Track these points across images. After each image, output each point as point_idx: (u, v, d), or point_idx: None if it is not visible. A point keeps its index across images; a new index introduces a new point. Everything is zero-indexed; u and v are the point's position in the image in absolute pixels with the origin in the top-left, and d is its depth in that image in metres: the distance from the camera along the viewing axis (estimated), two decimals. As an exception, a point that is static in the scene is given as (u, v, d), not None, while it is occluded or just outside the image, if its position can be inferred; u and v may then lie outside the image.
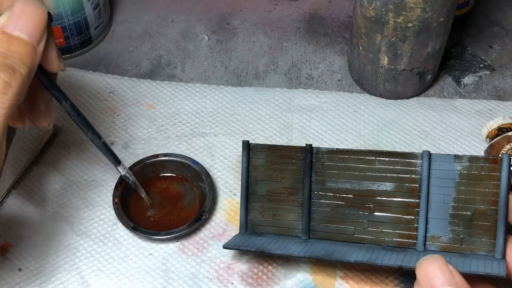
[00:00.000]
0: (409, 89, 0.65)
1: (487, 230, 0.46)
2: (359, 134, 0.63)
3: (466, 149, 0.62)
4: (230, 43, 0.72)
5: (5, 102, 0.39)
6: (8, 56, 0.40)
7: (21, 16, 0.41)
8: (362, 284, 0.53)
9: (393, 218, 0.49)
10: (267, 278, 0.53)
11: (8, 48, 0.40)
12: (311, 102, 0.66)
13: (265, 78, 0.69)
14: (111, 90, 0.67)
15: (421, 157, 0.48)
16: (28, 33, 0.41)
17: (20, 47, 0.40)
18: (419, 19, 0.58)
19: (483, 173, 0.46)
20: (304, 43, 0.72)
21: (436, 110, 0.65)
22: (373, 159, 0.49)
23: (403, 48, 0.61)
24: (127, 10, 0.76)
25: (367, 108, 0.65)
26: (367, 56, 0.63)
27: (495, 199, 0.46)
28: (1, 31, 0.40)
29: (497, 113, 0.64)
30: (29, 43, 0.41)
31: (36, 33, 0.41)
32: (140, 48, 0.72)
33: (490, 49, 0.71)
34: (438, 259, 0.41)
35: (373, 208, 0.49)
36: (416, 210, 0.48)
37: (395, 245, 0.48)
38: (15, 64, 0.40)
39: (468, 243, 0.47)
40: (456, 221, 0.47)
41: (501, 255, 0.45)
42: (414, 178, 0.48)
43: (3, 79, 0.39)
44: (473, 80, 0.68)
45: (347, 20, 0.74)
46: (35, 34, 0.41)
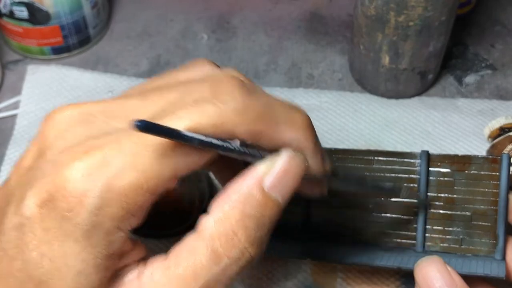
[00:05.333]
0: (410, 89, 0.65)
1: (487, 230, 0.46)
2: (360, 133, 0.63)
3: (468, 149, 0.61)
4: (230, 42, 0.72)
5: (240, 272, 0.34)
6: (260, 226, 0.33)
7: (285, 176, 0.34)
8: (363, 285, 0.53)
9: (391, 219, 0.48)
10: (267, 279, 0.53)
11: (263, 213, 0.33)
12: (312, 101, 0.66)
13: (265, 78, 0.69)
14: (110, 90, 0.66)
15: (420, 157, 0.47)
16: (285, 195, 0.34)
17: (272, 212, 0.34)
18: (420, 18, 0.57)
19: (483, 173, 0.46)
20: (304, 42, 0.72)
21: (438, 109, 0.64)
22: (371, 159, 0.49)
23: (405, 47, 0.60)
24: (125, 9, 0.76)
25: (368, 107, 0.65)
26: (368, 55, 0.63)
27: (495, 199, 0.45)
28: (261, 188, 0.33)
29: (499, 113, 0.64)
30: (281, 206, 0.34)
31: (291, 192, 0.35)
32: (139, 47, 0.72)
33: (492, 48, 0.71)
34: (436, 260, 0.41)
35: (372, 209, 0.49)
36: (415, 210, 0.48)
37: (394, 245, 0.48)
38: (264, 234, 0.34)
39: (467, 244, 0.46)
40: (456, 222, 0.47)
41: (501, 256, 0.45)
42: (413, 178, 0.48)
43: (251, 254, 0.33)
44: (475, 80, 0.68)
45: (347, 19, 0.74)
46: (290, 194, 0.35)
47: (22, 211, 0.31)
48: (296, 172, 0.34)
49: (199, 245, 0.33)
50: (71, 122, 0.34)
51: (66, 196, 0.31)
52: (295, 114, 0.35)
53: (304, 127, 0.35)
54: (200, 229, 0.33)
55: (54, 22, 0.66)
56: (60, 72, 0.67)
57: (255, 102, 0.33)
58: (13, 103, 0.66)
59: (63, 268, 0.31)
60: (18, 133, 0.63)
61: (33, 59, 0.69)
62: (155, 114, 0.32)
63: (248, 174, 0.34)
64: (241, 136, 0.32)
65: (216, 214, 0.33)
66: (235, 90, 0.32)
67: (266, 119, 0.33)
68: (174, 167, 0.32)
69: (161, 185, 0.32)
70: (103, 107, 0.34)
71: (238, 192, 0.33)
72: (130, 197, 0.31)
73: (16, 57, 0.70)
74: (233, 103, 0.32)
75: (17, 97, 0.66)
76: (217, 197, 0.34)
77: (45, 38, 0.67)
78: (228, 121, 0.32)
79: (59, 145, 0.33)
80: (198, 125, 0.31)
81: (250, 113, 0.32)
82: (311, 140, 0.35)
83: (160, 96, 0.34)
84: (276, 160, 0.34)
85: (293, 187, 0.35)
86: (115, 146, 0.31)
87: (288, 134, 0.34)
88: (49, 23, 0.66)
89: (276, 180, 0.34)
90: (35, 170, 0.33)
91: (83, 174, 0.31)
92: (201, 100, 0.32)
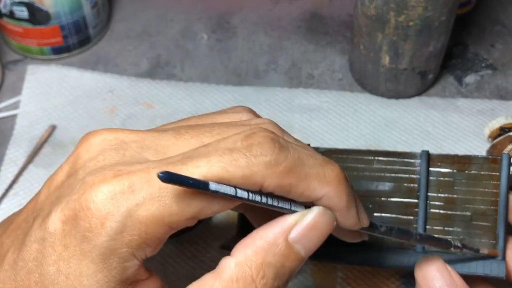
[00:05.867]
0: (410, 89, 0.65)
1: (487, 230, 0.46)
2: (360, 133, 0.63)
3: (468, 149, 0.61)
4: (230, 42, 0.72)
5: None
6: (279, 276, 0.34)
7: (312, 230, 0.34)
8: (363, 285, 0.52)
9: (392, 219, 0.48)
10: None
11: (283, 263, 0.34)
12: (312, 101, 0.66)
13: (265, 78, 0.69)
14: (110, 90, 0.66)
15: (420, 157, 0.47)
16: (308, 249, 0.35)
17: (293, 263, 0.34)
18: (420, 18, 0.57)
19: (483, 173, 0.46)
20: (304, 42, 0.72)
21: (438, 109, 0.64)
22: (371, 159, 0.49)
23: (405, 47, 0.60)
24: (125, 9, 0.75)
25: (368, 107, 0.65)
26: (368, 55, 0.63)
27: (495, 199, 0.45)
28: (285, 237, 0.34)
29: (499, 113, 0.64)
30: (303, 259, 0.35)
31: (315, 247, 0.35)
32: (139, 47, 0.71)
33: (492, 48, 0.71)
34: (436, 260, 0.41)
35: (372, 209, 0.49)
36: (415, 210, 0.47)
37: (394, 246, 0.48)
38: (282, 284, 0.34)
39: (467, 244, 0.46)
40: (456, 222, 0.47)
41: (501, 256, 0.45)
42: (413, 178, 0.48)
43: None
44: (475, 80, 0.68)
45: (347, 19, 0.74)
46: (314, 249, 0.35)
47: (47, 225, 0.32)
48: (323, 229, 0.35)
49: (217, 285, 0.33)
50: (105, 146, 0.34)
51: (89, 216, 0.31)
52: (327, 169, 0.35)
53: (336, 182, 0.35)
54: (220, 270, 0.33)
55: (54, 22, 0.66)
56: (60, 72, 0.67)
57: (286, 156, 0.33)
58: (13, 103, 0.66)
59: (77, 287, 0.32)
60: (18, 133, 0.63)
61: (33, 59, 0.69)
62: (187, 153, 0.33)
63: (276, 223, 0.34)
64: (269, 188, 0.33)
65: (238, 257, 0.33)
66: (267, 144, 0.33)
67: (296, 174, 0.33)
68: (198, 209, 0.32)
69: (183, 222, 0.32)
70: (138, 136, 0.35)
71: (263, 239, 0.34)
72: (150, 227, 0.31)
73: (16, 57, 0.70)
74: (264, 156, 0.32)
75: (17, 97, 0.66)
76: (243, 240, 0.34)
77: (45, 38, 0.67)
78: (258, 173, 0.32)
79: (90, 166, 0.33)
80: (228, 175, 0.32)
81: (280, 167, 0.33)
82: (344, 196, 0.35)
83: (195, 136, 0.35)
84: (305, 214, 0.34)
85: (318, 242, 0.35)
86: (144, 176, 0.31)
87: (318, 190, 0.34)
88: (49, 23, 0.66)
89: (303, 234, 0.34)
90: (65, 187, 0.33)
91: (108, 197, 0.31)
92: (233, 149, 0.32)
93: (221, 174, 0.31)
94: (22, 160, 0.60)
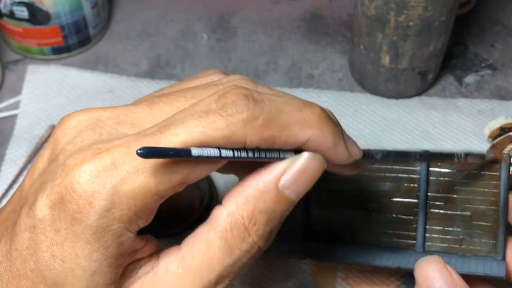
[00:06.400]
0: (410, 89, 0.65)
1: (487, 230, 0.46)
2: (360, 133, 0.63)
3: (468, 149, 0.61)
4: (230, 42, 0.72)
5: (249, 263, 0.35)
6: (271, 221, 0.34)
7: (301, 175, 0.35)
8: (363, 285, 0.52)
9: (392, 219, 0.48)
10: (267, 279, 0.53)
11: (274, 208, 0.34)
12: (312, 101, 0.65)
13: (265, 78, 0.69)
14: (110, 90, 0.66)
15: (420, 157, 0.47)
16: (298, 194, 0.35)
17: (284, 207, 0.35)
18: (420, 18, 0.57)
19: (483, 173, 0.46)
20: (304, 42, 0.72)
21: (438, 109, 0.64)
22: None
23: (405, 47, 0.60)
24: (126, 9, 0.76)
25: (368, 107, 0.65)
26: (368, 55, 0.63)
27: (495, 199, 0.45)
28: (275, 185, 0.34)
29: (499, 113, 0.64)
30: (294, 203, 0.35)
31: (305, 190, 0.35)
32: (139, 47, 0.72)
33: (492, 48, 0.71)
34: (436, 260, 0.41)
35: (372, 209, 0.49)
36: (415, 210, 0.47)
37: (394, 245, 0.48)
38: (274, 227, 0.35)
39: (467, 244, 0.46)
40: (456, 222, 0.47)
41: (501, 256, 0.45)
42: (413, 178, 0.48)
43: (259, 246, 0.34)
44: (475, 80, 0.68)
45: (348, 19, 0.74)
46: (303, 193, 0.35)
47: (35, 213, 0.32)
48: (312, 173, 0.35)
49: (212, 237, 0.33)
50: (81, 127, 0.34)
51: (75, 198, 0.31)
52: (306, 112, 0.34)
53: (317, 123, 0.34)
54: (213, 221, 0.34)
55: (54, 22, 0.66)
56: (60, 72, 0.67)
57: (262, 109, 0.33)
58: (13, 103, 0.66)
59: (76, 269, 0.32)
60: (18, 133, 0.63)
61: (33, 59, 0.69)
62: (164, 122, 0.33)
63: (265, 171, 0.34)
64: (252, 144, 0.33)
65: (230, 206, 0.34)
66: (241, 100, 0.33)
67: (275, 124, 0.33)
68: (184, 174, 0.32)
69: (170, 189, 0.32)
70: (112, 113, 0.34)
71: (254, 187, 0.34)
72: (138, 199, 0.31)
73: (16, 57, 0.70)
74: (240, 114, 0.32)
75: (17, 97, 0.66)
76: (233, 189, 0.34)
77: (45, 38, 0.67)
78: (238, 131, 0.32)
79: (69, 149, 0.33)
80: (208, 138, 0.32)
81: (258, 121, 0.33)
82: (329, 135, 0.35)
83: (169, 103, 0.34)
84: (294, 161, 0.35)
85: (308, 186, 0.35)
86: (124, 150, 0.31)
87: (301, 134, 0.34)
88: (49, 23, 0.66)
89: (293, 180, 0.34)
90: (48, 173, 0.33)
91: (91, 176, 0.31)
92: (208, 111, 0.32)
93: (201, 138, 0.31)
94: (22, 160, 0.60)
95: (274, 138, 0.33)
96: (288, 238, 0.51)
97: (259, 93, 0.34)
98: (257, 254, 0.35)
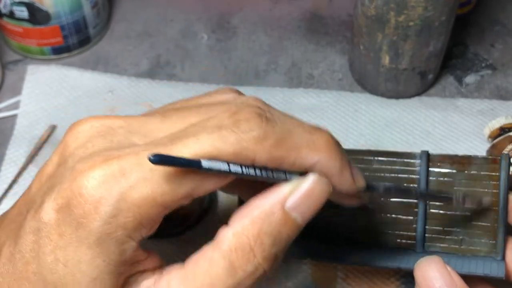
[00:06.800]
0: (410, 89, 0.65)
1: (487, 230, 0.46)
2: (360, 133, 0.63)
3: (468, 149, 0.61)
4: (230, 42, 0.72)
5: (253, 285, 0.34)
6: (277, 243, 0.34)
7: (308, 198, 0.35)
8: (363, 285, 0.52)
9: (391, 219, 0.48)
10: (267, 279, 0.53)
11: (280, 230, 0.34)
12: (312, 101, 0.65)
13: (265, 78, 0.69)
14: (110, 90, 0.66)
15: (420, 157, 0.47)
16: (305, 217, 0.35)
17: (290, 231, 0.35)
18: (420, 18, 0.57)
19: (483, 173, 0.46)
20: (304, 42, 0.72)
21: (438, 109, 0.64)
22: (371, 159, 0.49)
23: (405, 47, 0.60)
24: (126, 9, 0.75)
25: (368, 107, 0.65)
26: (368, 55, 0.63)
27: (495, 199, 0.45)
28: (282, 206, 0.34)
29: (499, 113, 0.64)
30: (300, 226, 0.35)
31: (312, 214, 0.35)
32: (139, 47, 0.71)
33: (492, 48, 0.71)
34: (436, 260, 0.41)
35: (372, 209, 0.49)
36: (415, 210, 0.47)
37: (393, 246, 0.48)
38: (280, 251, 0.34)
39: (467, 244, 0.46)
40: (455, 222, 0.47)
41: (500, 256, 0.45)
42: (413, 178, 0.48)
43: (264, 269, 0.34)
44: (475, 80, 0.68)
45: (347, 19, 0.74)
46: (311, 216, 0.35)
47: (40, 216, 0.32)
48: (319, 196, 0.35)
49: (216, 256, 0.33)
50: (93, 133, 0.34)
51: (81, 203, 0.31)
52: (316, 136, 0.35)
53: (326, 148, 0.35)
54: (218, 240, 0.34)
55: (54, 22, 0.66)
56: (60, 72, 0.67)
57: (274, 129, 0.33)
58: (13, 103, 0.66)
59: (77, 274, 0.32)
60: (18, 133, 0.63)
61: (33, 59, 0.69)
62: (176, 134, 0.33)
63: (272, 192, 0.34)
64: (261, 162, 0.33)
65: (235, 227, 0.34)
66: (254, 118, 0.33)
67: (285, 145, 0.34)
68: (191, 187, 0.32)
69: (176, 201, 0.32)
70: (125, 122, 0.35)
71: (260, 209, 0.34)
72: (143, 209, 0.31)
73: (16, 57, 0.70)
74: (252, 131, 0.33)
75: (17, 97, 0.66)
76: (239, 210, 0.34)
77: (45, 38, 0.67)
78: (248, 148, 0.32)
79: (79, 154, 0.33)
80: (218, 152, 0.32)
81: (269, 140, 0.33)
82: (336, 160, 0.35)
83: (181, 117, 0.35)
84: (301, 182, 0.35)
85: (315, 209, 0.35)
86: (134, 158, 0.32)
87: (310, 157, 0.34)
88: (49, 23, 0.66)
89: (299, 202, 0.34)
90: (56, 177, 0.33)
91: (99, 182, 0.31)
92: (221, 126, 0.33)
93: (212, 152, 0.32)
94: (22, 160, 0.60)
95: (283, 159, 0.34)
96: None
97: (271, 113, 0.34)
98: (261, 278, 0.34)
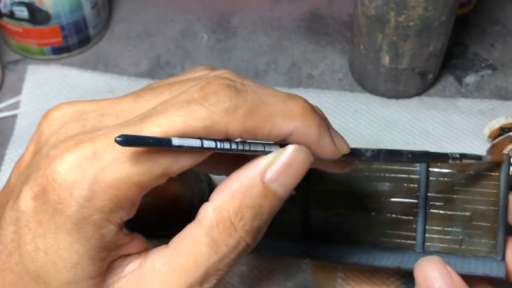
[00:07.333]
0: (410, 89, 0.65)
1: (487, 231, 0.46)
2: (360, 133, 0.63)
3: (468, 149, 0.61)
4: (230, 42, 0.72)
5: (237, 260, 0.34)
6: (258, 216, 0.34)
7: (287, 169, 0.34)
8: (363, 285, 0.52)
9: (391, 219, 0.48)
10: (267, 279, 0.53)
11: (261, 203, 0.33)
12: (312, 101, 0.64)
13: (265, 78, 0.69)
14: (110, 90, 0.66)
15: (420, 157, 0.47)
16: (286, 188, 0.34)
17: (272, 203, 0.34)
18: (420, 18, 0.57)
19: (483, 173, 0.46)
20: (304, 42, 0.72)
21: (438, 109, 0.64)
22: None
23: (405, 47, 0.60)
24: (126, 9, 0.75)
25: (368, 107, 0.65)
26: (368, 55, 0.63)
27: (495, 199, 0.45)
28: (261, 179, 0.33)
29: (499, 113, 0.64)
30: (282, 198, 0.34)
31: (294, 185, 0.34)
32: (139, 47, 0.71)
33: (492, 48, 0.71)
34: (436, 260, 0.41)
35: (371, 209, 0.49)
36: (414, 210, 0.47)
37: (393, 246, 0.48)
38: (262, 224, 0.34)
39: (467, 244, 0.46)
40: (455, 222, 0.47)
41: (500, 256, 0.45)
42: (413, 179, 0.48)
43: (247, 243, 0.34)
44: (475, 80, 0.68)
45: (347, 19, 0.74)
46: (292, 187, 0.34)
47: (19, 205, 0.32)
48: (299, 166, 0.34)
49: (199, 234, 0.33)
50: (66, 119, 0.34)
51: (56, 188, 0.31)
52: (290, 104, 0.34)
53: (302, 115, 0.34)
54: (200, 218, 0.34)
55: (54, 22, 0.66)
56: (60, 72, 0.67)
57: (245, 99, 0.32)
58: (13, 103, 0.66)
59: (58, 261, 0.31)
60: (18, 133, 0.63)
61: (33, 59, 0.69)
62: (146, 113, 0.32)
63: (251, 165, 0.34)
64: (235, 135, 0.32)
65: (216, 202, 0.33)
66: (223, 90, 0.32)
67: (258, 115, 0.33)
68: (165, 166, 0.32)
69: (152, 180, 0.32)
70: (97, 105, 0.34)
71: (239, 182, 0.33)
72: (119, 190, 0.31)
73: (16, 57, 0.70)
74: (222, 103, 0.32)
75: (17, 97, 0.66)
76: (219, 185, 0.34)
77: (45, 38, 0.67)
78: (219, 121, 0.32)
79: (53, 140, 0.33)
80: (189, 128, 0.31)
81: (240, 110, 0.32)
82: (313, 127, 0.34)
83: (154, 96, 0.34)
84: (280, 153, 0.34)
85: (296, 180, 0.34)
86: (106, 140, 0.31)
87: (285, 126, 0.33)
88: (49, 23, 0.66)
89: (278, 173, 0.34)
90: (32, 166, 0.33)
91: (72, 166, 0.31)
92: (190, 101, 0.32)
93: (182, 128, 0.31)
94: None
95: (257, 129, 0.33)
96: (288, 239, 0.51)
97: (242, 84, 0.33)
98: (245, 252, 0.34)
